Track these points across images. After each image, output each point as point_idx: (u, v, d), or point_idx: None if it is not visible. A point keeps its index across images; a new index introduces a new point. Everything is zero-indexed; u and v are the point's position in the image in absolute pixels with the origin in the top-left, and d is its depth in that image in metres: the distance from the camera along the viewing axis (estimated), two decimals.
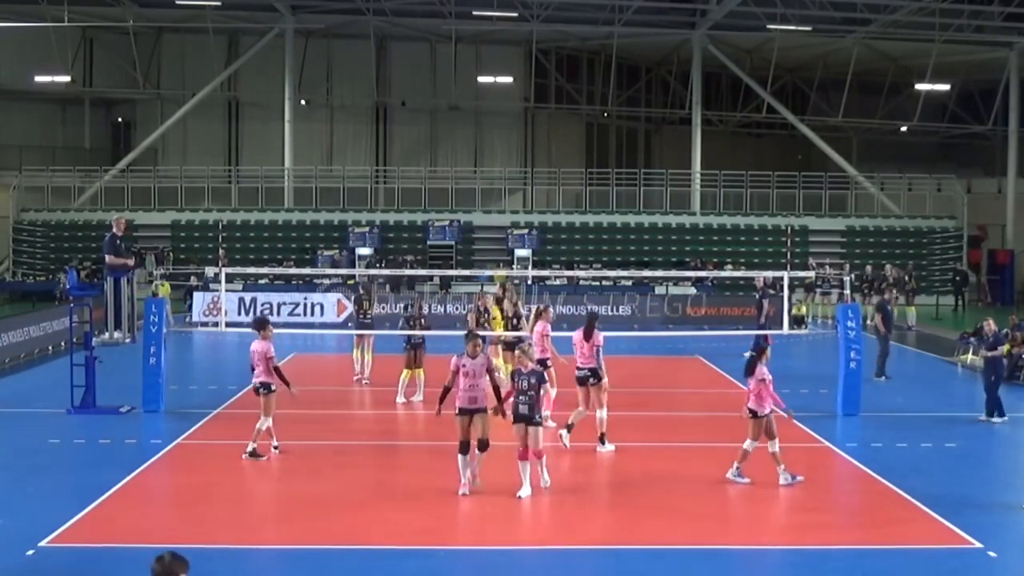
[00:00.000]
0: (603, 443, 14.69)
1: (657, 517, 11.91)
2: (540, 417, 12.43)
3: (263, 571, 10.28)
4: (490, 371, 12.43)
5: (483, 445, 12.29)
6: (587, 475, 13.24)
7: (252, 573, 10.25)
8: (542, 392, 12.45)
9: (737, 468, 13.00)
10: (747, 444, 13.03)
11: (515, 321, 18.14)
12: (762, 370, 13.01)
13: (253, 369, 14.13)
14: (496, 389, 12.53)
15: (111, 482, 12.70)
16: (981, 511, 12.02)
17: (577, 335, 15.02)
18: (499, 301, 18.93)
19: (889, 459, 14.48)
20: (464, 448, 12.20)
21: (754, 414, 12.98)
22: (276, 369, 13.96)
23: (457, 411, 12.25)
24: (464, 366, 12.31)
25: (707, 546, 10.85)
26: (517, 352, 12.95)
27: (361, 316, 20.59)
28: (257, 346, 14.06)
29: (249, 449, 13.93)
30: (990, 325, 17.55)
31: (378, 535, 11.04)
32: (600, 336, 14.84)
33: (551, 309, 17.04)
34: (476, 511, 11.99)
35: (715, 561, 10.39)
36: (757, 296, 26.37)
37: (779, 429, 13.14)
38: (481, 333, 14.02)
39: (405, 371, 18.28)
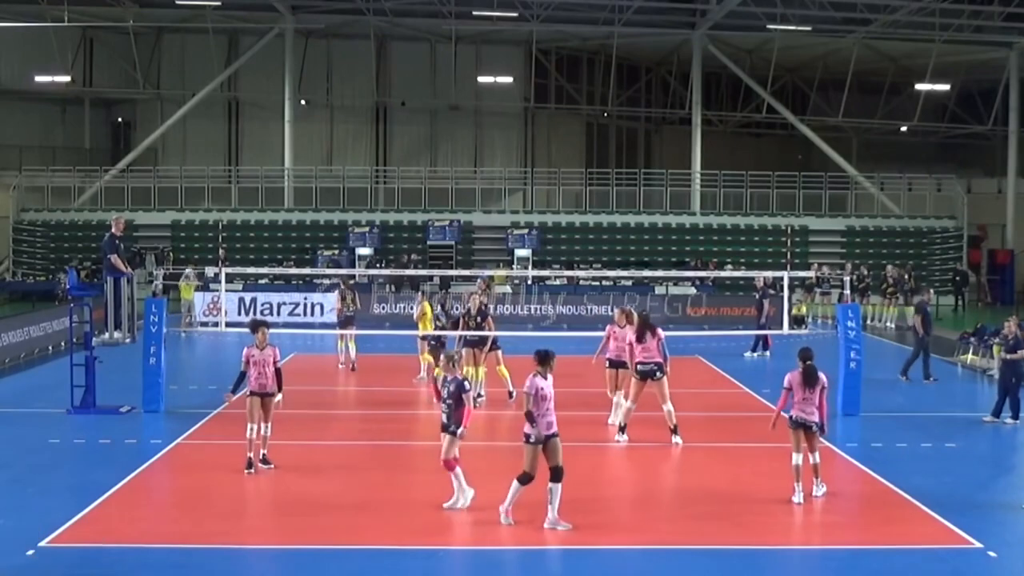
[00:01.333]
0: (676, 433, 15.07)
1: (657, 517, 11.91)
2: (456, 428, 11.75)
3: (262, 571, 10.27)
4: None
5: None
6: (587, 475, 13.23)
7: (251, 573, 10.25)
8: (463, 402, 11.78)
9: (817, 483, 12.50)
10: (815, 457, 12.45)
11: (478, 320, 18.02)
12: (821, 377, 12.38)
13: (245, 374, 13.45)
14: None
15: (111, 482, 12.70)
16: (981, 511, 12.02)
17: (630, 335, 15.43)
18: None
19: (889, 459, 14.47)
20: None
21: (820, 427, 12.39)
22: (278, 372, 13.56)
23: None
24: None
25: (707, 546, 10.84)
26: (444, 357, 12.74)
27: (344, 310, 21.83)
28: (269, 353, 13.45)
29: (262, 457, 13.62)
30: (1011, 327, 17.37)
31: (378, 535, 11.04)
32: (661, 330, 15.27)
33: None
34: (477, 511, 11.98)
35: (715, 561, 10.39)
36: (757, 296, 26.54)
37: (778, 429, 13.11)
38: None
39: (468, 368, 17.70)
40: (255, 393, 13.34)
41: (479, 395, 17.39)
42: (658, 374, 15.01)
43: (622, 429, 15.22)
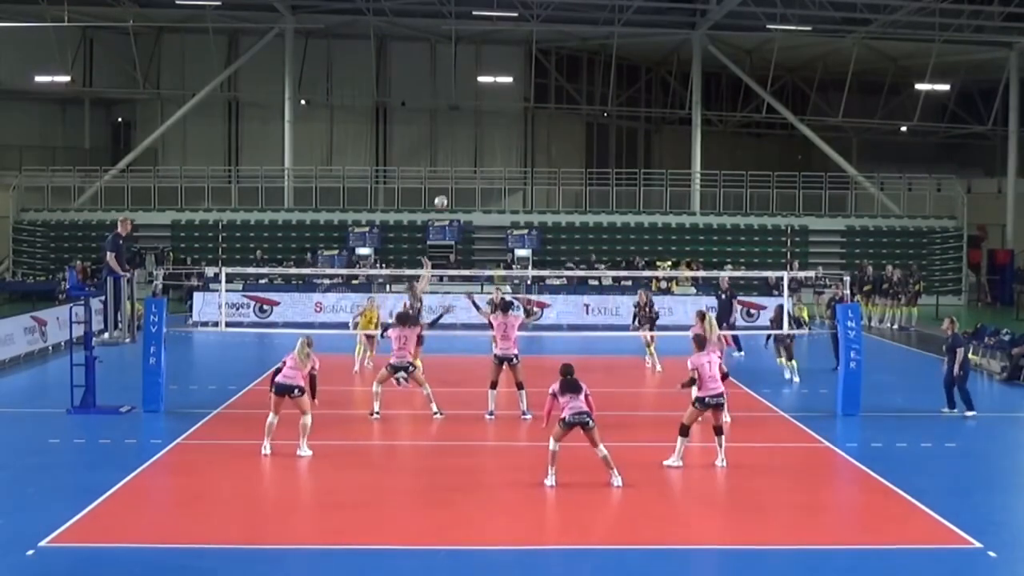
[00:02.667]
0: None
1: (657, 517, 11.92)
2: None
3: (263, 571, 10.26)
4: None
5: None
6: (587, 475, 13.23)
7: (252, 573, 10.24)
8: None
9: None
10: (601, 450, 12.84)
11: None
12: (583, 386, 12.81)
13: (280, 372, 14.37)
14: None
15: (111, 482, 12.70)
16: (981, 511, 12.02)
17: (705, 362, 13.91)
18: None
19: (889, 459, 14.47)
20: None
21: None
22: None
23: None
24: None
25: (707, 546, 10.85)
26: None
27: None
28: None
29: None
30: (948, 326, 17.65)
31: (378, 535, 11.05)
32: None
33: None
34: (476, 511, 12.00)
35: (715, 561, 10.40)
36: (723, 297, 25.99)
37: (778, 429, 13.13)
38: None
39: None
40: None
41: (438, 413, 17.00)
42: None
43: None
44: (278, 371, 14.39)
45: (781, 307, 20.21)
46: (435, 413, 16.76)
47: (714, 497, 12.63)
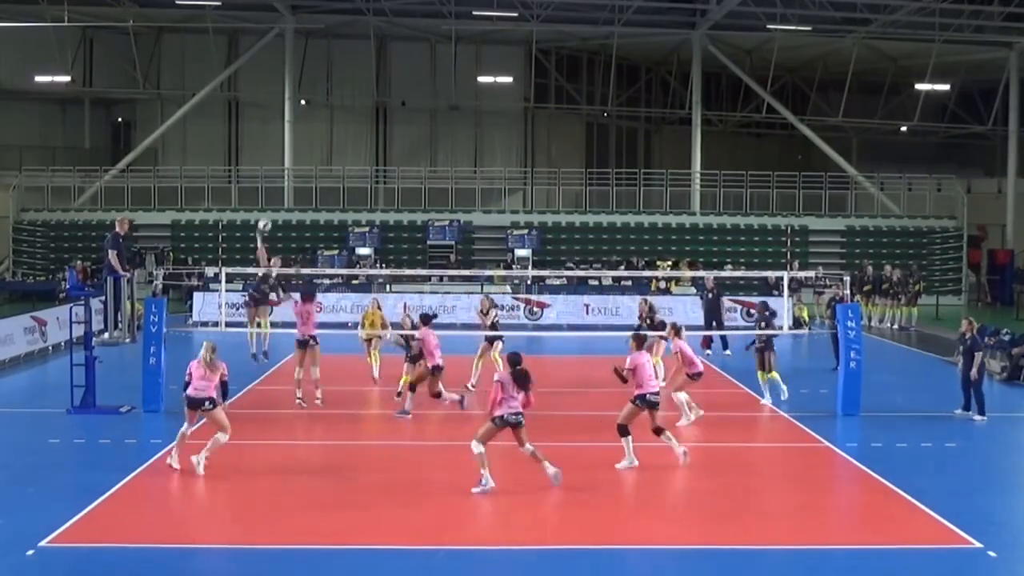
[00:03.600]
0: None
1: (657, 517, 11.92)
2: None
3: (263, 571, 10.26)
4: None
5: None
6: (587, 475, 13.23)
7: (251, 573, 10.24)
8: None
9: None
10: (528, 447, 12.82)
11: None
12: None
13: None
14: None
15: (111, 482, 12.70)
16: (981, 511, 12.02)
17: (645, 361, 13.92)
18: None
19: (889, 459, 14.47)
20: None
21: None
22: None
23: None
24: None
25: (707, 546, 10.84)
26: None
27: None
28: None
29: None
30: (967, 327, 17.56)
31: (378, 535, 11.04)
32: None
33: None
34: (476, 511, 12.00)
35: (715, 561, 10.39)
36: (709, 296, 25.70)
37: (776, 427, 13.13)
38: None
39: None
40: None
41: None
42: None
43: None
44: (187, 384, 13.60)
45: (764, 304, 19.45)
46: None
47: (714, 497, 12.62)
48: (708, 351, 24.38)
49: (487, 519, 11.77)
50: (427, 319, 17.31)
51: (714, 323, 25.51)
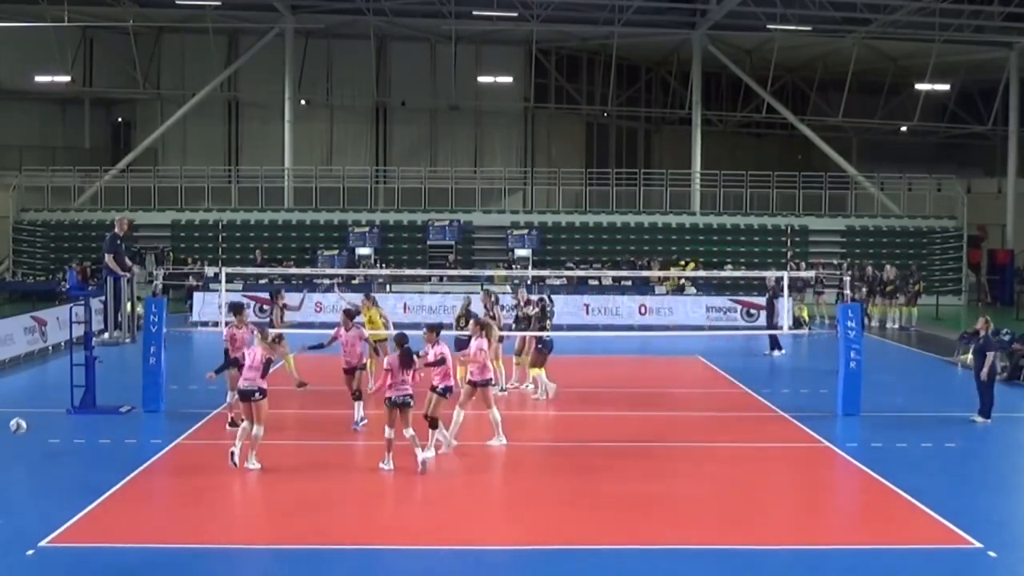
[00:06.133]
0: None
1: (657, 517, 11.91)
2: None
3: (262, 571, 10.27)
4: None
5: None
6: (587, 475, 13.24)
7: (252, 573, 10.25)
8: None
9: None
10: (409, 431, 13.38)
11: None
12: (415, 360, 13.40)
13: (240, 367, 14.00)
14: None
15: (111, 482, 12.70)
16: (981, 511, 12.02)
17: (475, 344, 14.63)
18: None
19: (889, 459, 14.47)
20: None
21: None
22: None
23: None
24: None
25: (707, 546, 10.84)
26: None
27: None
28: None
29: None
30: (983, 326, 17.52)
31: (378, 535, 11.05)
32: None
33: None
34: (476, 511, 12.00)
35: (715, 561, 10.39)
36: (769, 295, 26.02)
37: (778, 429, 13.14)
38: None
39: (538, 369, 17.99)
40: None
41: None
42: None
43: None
44: (236, 362, 14.09)
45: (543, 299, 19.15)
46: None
47: (714, 498, 12.62)
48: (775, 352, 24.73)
49: (487, 519, 11.77)
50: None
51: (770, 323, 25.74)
